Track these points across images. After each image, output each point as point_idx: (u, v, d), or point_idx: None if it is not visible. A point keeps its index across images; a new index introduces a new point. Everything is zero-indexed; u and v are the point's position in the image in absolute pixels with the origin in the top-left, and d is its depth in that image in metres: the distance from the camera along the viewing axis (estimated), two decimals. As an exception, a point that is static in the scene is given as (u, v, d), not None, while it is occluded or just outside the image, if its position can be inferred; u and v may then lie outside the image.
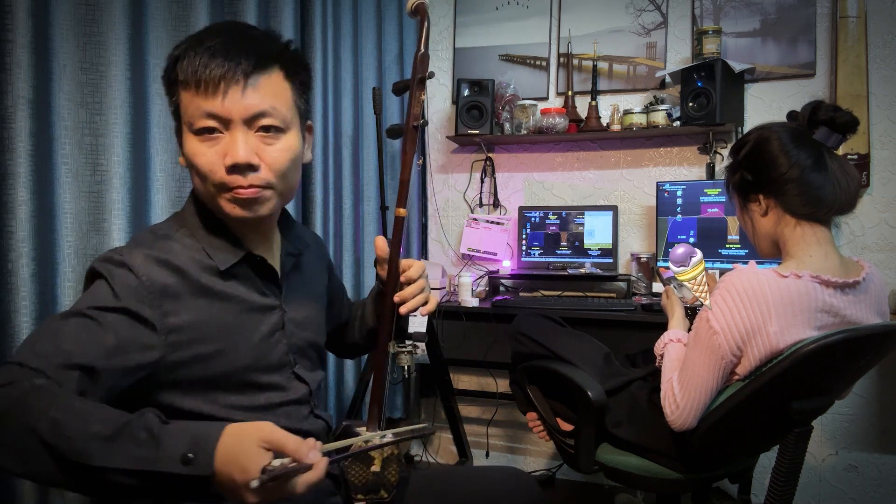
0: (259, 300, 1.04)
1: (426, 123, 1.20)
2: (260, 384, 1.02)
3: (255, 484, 0.69)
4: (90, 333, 0.85)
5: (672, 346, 1.53)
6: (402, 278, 1.13)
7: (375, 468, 1.06)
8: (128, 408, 0.79)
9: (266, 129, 0.96)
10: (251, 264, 1.04)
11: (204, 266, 0.98)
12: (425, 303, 1.15)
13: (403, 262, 1.14)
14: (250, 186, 0.95)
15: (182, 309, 0.94)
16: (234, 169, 0.93)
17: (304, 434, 1.06)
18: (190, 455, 0.71)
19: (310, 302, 1.18)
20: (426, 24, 1.05)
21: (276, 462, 0.72)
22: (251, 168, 0.94)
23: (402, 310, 1.11)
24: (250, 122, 0.94)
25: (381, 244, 1.13)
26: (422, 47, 1.05)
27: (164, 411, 0.81)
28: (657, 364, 1.57)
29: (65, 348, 0.82)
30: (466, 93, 2.72)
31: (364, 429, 1.09)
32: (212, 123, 0.93)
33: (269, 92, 0.95)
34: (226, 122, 0.93)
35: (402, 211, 1.08)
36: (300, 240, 1.19)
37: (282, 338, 1.07)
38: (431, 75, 1.08)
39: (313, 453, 0.73)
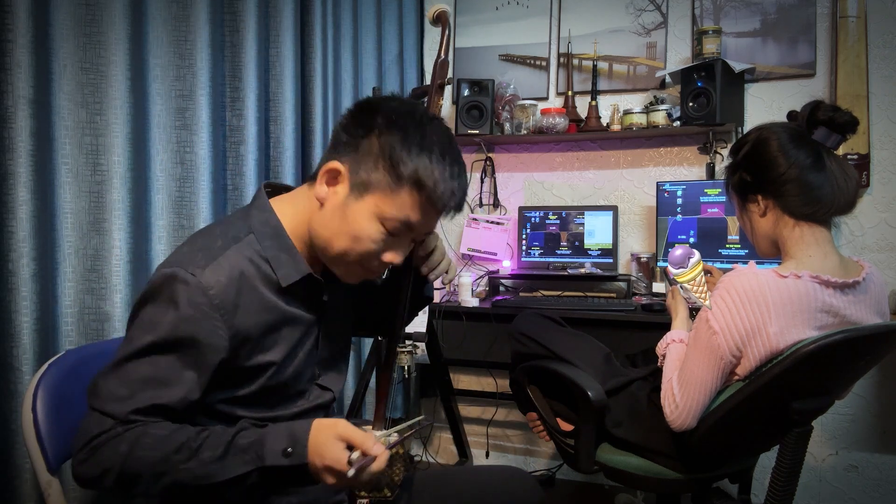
0: (307, 317, 1.09)
1: None
2: (293, 393, 1.09)
3: (351, 473, 0.86)
4: (166, 370, 0.93)
5: (674, 347, 1.53)
6: (421, 251, 1.15)
7: None
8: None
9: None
10: (305, 283, 1.07)
11: (267, 280, 1.02)
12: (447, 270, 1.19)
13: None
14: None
15: (247, 322, 0.99)
16: (386, 265, 1.05)
17: None
18: (289, 449, 0.89)
19: (343, 312, 1.21)
20: (447, 31, 1.09)
21: (354, 455, 0.89)
22: None
23: (429, 274, 1.15)
24: None
25: None
26: (442, 54, 1.09)
27: (214, 416, 1.00)
28: (659, 364, 1.57)
29: (138, 393, 0.91)
30: (466, 93, 2.72)
31: (369, 428, 1.10)
32: (403, 232, 1.01)
33: None
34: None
35: None
36: None
37: (315, 353, 1.12)
38: (450, 81, 1.14)
39: (377, 447, 0.90)
